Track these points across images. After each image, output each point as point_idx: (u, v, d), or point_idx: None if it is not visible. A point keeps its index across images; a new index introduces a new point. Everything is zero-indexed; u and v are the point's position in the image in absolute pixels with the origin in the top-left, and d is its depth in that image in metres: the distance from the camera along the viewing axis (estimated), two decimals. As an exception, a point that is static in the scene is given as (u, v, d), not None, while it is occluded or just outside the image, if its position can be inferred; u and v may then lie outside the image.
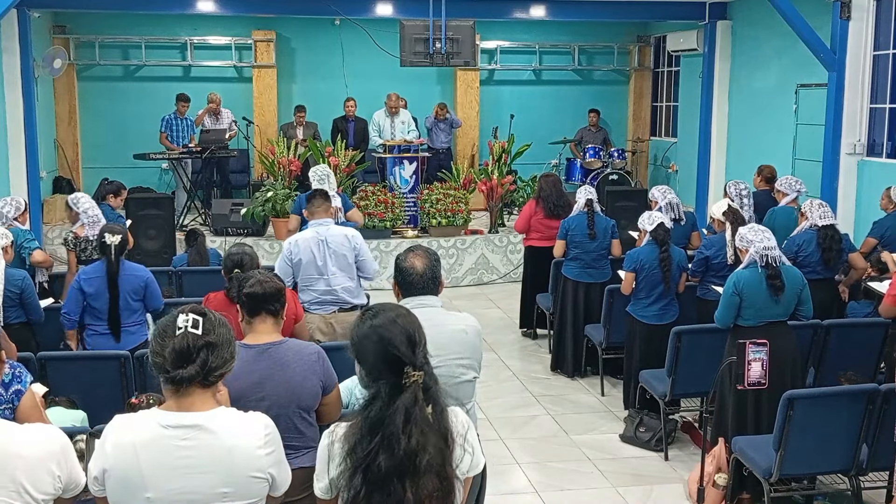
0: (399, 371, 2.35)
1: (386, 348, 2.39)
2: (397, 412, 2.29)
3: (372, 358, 2.42)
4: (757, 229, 5.25)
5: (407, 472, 2.27)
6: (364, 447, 2.29)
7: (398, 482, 2.27)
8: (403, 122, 12.09)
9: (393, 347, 2.39)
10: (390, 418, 2.29)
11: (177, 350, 2.34)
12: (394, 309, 2.54)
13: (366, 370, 2.46)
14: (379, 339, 2.42)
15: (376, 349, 2.41)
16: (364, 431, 2.30)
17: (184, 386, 2.34)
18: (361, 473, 2.28)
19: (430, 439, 2.32)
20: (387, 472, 2.26)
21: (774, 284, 5.09)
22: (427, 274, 3.50)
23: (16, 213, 6.82)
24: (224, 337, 2.40)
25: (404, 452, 2.27)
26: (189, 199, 11.64)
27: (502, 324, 9.11)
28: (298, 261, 5.75)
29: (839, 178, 9.39)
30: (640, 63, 14.94)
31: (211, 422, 2.35)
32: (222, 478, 2.34)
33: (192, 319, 2.36)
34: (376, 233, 10.28)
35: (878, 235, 7.34)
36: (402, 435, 2.27)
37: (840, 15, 9.25)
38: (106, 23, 13.27)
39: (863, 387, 4.75)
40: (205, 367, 2.34)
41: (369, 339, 2.44)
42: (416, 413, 2.31)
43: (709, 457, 5.05)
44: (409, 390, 2.33)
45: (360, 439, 2.30)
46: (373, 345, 2.42)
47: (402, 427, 2.28)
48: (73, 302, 5.60)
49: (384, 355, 2.39)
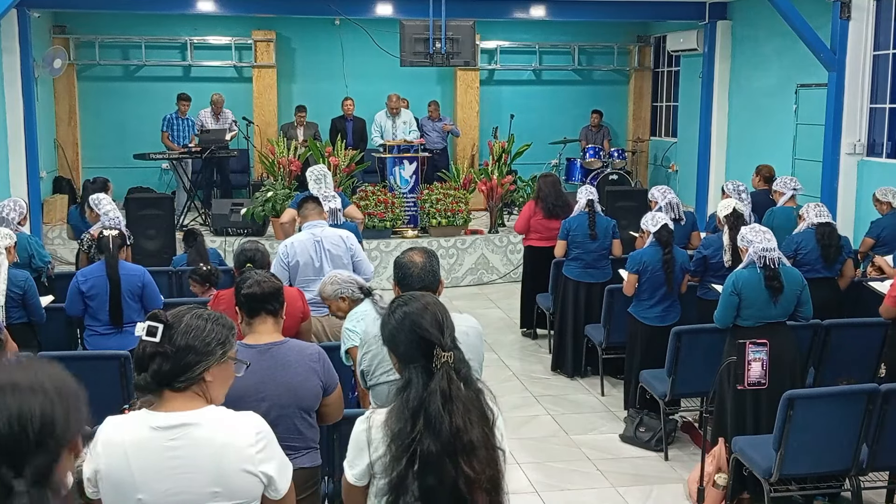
0: (429, 354, 2.43)
1: (417, 332, 2.47)
2: (434, 394, 2.36)
3: (404, 343, 2.49)
4: (758, 230, 5.25)
5: (456, 450, 2.33)
6: (407, 432, 2.33)
7: (449, 461, 2.32)
8: (405, 123, 12.08)
9: (423, 330, 2.46)
10: (429, 400, 2.35)
11: (135, 356, 2.39)
12: (423, 297, 2.63)
13: (398, 356, 2.53)
14: (411, 324, 2.49)
15: (408, 334, 2.48)
16: (406, 416, 2.35)
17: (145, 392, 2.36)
18: (408, 457, 2.32)
19: (472, 416, 2.39)
20: (437, 454, 2.32)
21: (773, 286, 5.09)
22: (427, 268, 3.51)
23: (19, 216, 6.79)
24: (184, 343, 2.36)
25: (449, 432, 2.33)
26: (189, 199, 11.64)
27: (502, 324, 9.11)
28: (295, 263, 5.74)
29: (839, 178, 9.40)
30: (640, 63, 14.95)
31: (198, 421, 2.34)
32: (212, 477, 2.33)
33: (147, 327, 2.35)
34: (376, 233, 10.28)
35: (875, 235, 7.39)
36: (444, 414, 2.34)
37: (840, 15, 9.25)
38: (106, 23, 13.27)
39: (863, 387, 4.75)
40: (157, 375, 2.34)
41: (402, 325, 2.51)
42: (453, 392, 2.38)
43: (709, 457, 5.05)
44: (442, 371, 2.39)
45: (403, 425, 2.35)
46: (405, 330, 2.49)
47: (441, 407, 2.35)
48: (72, 303, 5.67)
49: (415, 339, 2.46)
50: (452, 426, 2.33)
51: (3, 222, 6.52)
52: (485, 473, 2.35)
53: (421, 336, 2.45)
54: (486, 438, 2.39)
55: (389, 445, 2.34)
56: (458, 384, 2.40)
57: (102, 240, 5.72)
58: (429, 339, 2.44)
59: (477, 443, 2.35)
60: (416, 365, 2.42)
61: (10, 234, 5.94)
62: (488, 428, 2.43)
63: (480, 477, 2.34)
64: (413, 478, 2.32)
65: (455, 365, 2.43)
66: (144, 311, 5.84)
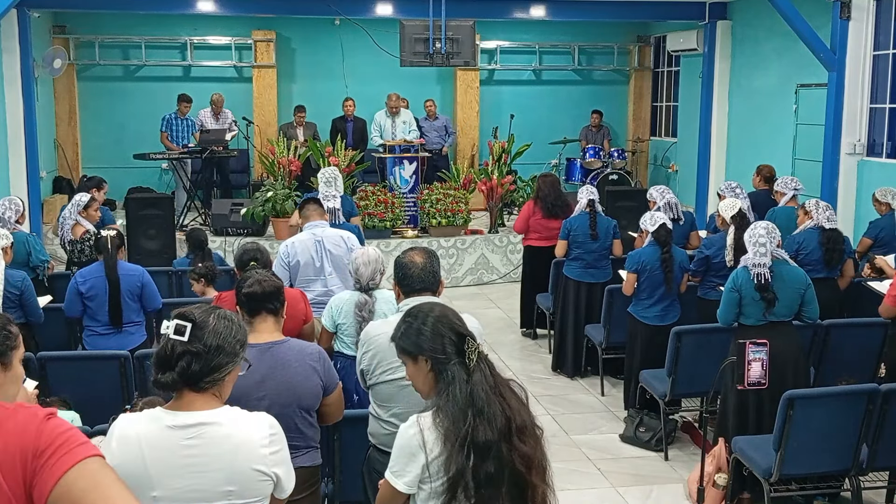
0: (461, 349, 2.53)
1: (447, 327, 2.58)
2: (478, 386, 2.46)
3: (436, 341, 2.57)
4: (755, 241, 5.17)
5: (509, 434, 2.43)
6: (462, 426, 2.40)
7: (505, 444, 2.41)
8: (405, 123, 12.07)
9: (453, 324, 2.59)
10: (475, 394, 2.44)
11: (158, 355, 2.35)
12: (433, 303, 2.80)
13: (433, 358, 2.57)
14: (437, 320, 2.60)
15: (439, 330, 2.58)
16: (456, 412, 2.42)
17: (168, 390, 2.34)
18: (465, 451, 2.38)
19: (513, 401, 2.50)
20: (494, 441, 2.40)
21: (766, 297, 5.08)
22: (427, 268, 3.51)
23: (16, 215, 6.78)
24: (215, 343, 2.36)
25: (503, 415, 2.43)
26: (189, 199, 11.63)
27: (502, 324, 9.10)
28: (296, 263, 5.73)
29: (839, 178, 9.40)
30: (640, 63, 14.95)
31: (214, 421, 2.35)
32: (227, 476, 2.34)
33: (175, 325, 2.34)
34: (376, 233, 10.28)
35: (873, 236, 7.39)
36: (495, 402, 2.44)
37: (840, 15, 9.25)
38: (106, 23, 13.27)
39: (863, 387, 4.75)
40: (185, 374, 2.33)
41: (427, 326, 2.59)
42: (492, 382, 2.49)
43: (709, 457, 5.05)
44: (478, 364, 2.51)
45: (455, 421, 2.41)
46: (433, 329, 2.58)
47: (492, 394, 2.45)
48: (71, 303, 5.67)
49: (447, 334, 2.56)
50: (505, 410, 2.43)
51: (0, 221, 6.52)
52: (537, 450, 2.47)
53: (451, 329, 2.56)
54: (531, 418, 2.51)
55: (445, 443, 2.39)
56: (495, 372, 2.53)
57: (101, 240, 5.71)
58: (462, 333, 2.56)
59: (527, 423, 2.47)
60: (453, 362, 2.51)
61: (7, 234, 5.94)
62: (528, 408, 2.55)
63: (536, 453, 2.46)
64: (471, 470, 2.38)
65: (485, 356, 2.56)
66: (143, 311, 5.85)
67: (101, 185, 8.33)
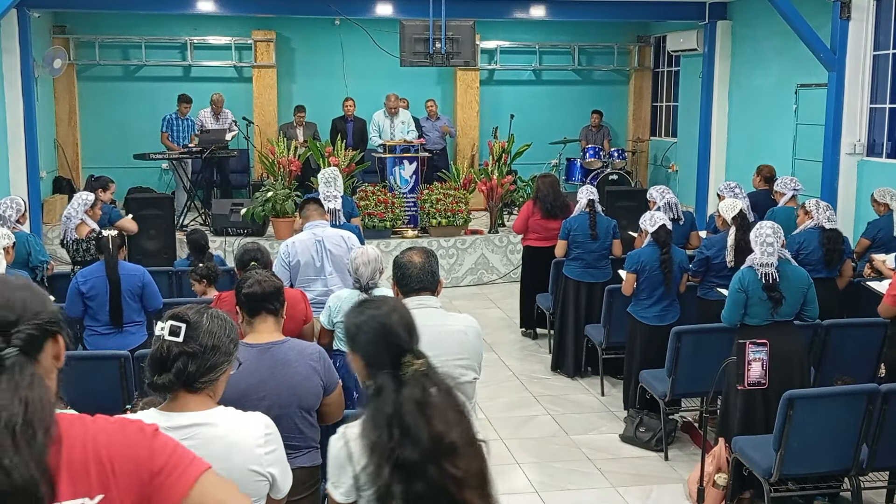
0: (398, 361, 2.32)
1: (388, 337, 2.37)
2: (408, 401, 2.26)
3: (374, 347, 2.39)
4: (762, 241, 5.18)
5: (440, 454, 2.24)
6: (385, 441, 2.24)
7: (434, 466, 2.23)
8: (403, 123, 12.07)
9: (394, 336, 2.37)
10: (404, 409, 2.25)
11: (153, 357, 2.33)
12: (391, 301, 2.55)
13: (365, 360, 2.42)
14: (380, 328, 2.39)
15: (378, 338, 2.38)
16: (381, 425, 2.25)
17: (164, 392, 2.33)
18: (389, 467, 2.23)
19: (450, 417, 2.29)
20: (420, 461, 2.23)
21: (773, 297, 5.09)
22: (426, 268, 3.51)
23: (17, 214, 6.78)
24: (210, 343, 2.36)
25: (430, 438, 2.23)
26: (189, 199, 11.63)
27: (502, 324, 9.10)
28: (296, 262, 5.74)
29: (839, 178, 9.39)
30: (640, 63, 14.95)
31: (209, 421, 2.35)
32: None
33: (170, 327, 2.32)
34: (376, 233, 10.28)
35: (871, 236, 7.40)
36: (422, 421, 2.24)
37: (840, 15, 9.25)
38: (106, 23, 13.27)
39: (863, 387, 4.75)
40: (181, 375, 2.32)
41: (370, 328, 2.41)
42: (427, 399, 2.28)
43: (709, 457, 5.05)
44: (414, 379, 2.29)
45: (379, 435, 2.25)
46: (374, 333, 2.40)
47: (418, 415, 2.25)
48: (72, 303, 5.67)
49: (386, 344, 2.36)
50: (432, 433, 2.23)
51: (1, 221, 6.52)
52: (471, 471, 2.28)
53: (390, 341, 2.35)
54: (468, 435, 2.31)
55: (370, 456, 2.25)
56: (431, 390, 2.30)
57: (102, 240, 5.72)
58: (399, 345, 2.34)
59: (459, 442, 2.27)
60: (385, 372, 2.31)
61: (8, 234, 5.94)
62: (468, 423, 2.34)
63: (468, 475, 2.27)
64: (398, 486, 2.24)
65: (427, 371, 2.32)
66: (144, 311, 5.85)
67: (107, 185, 8.38)
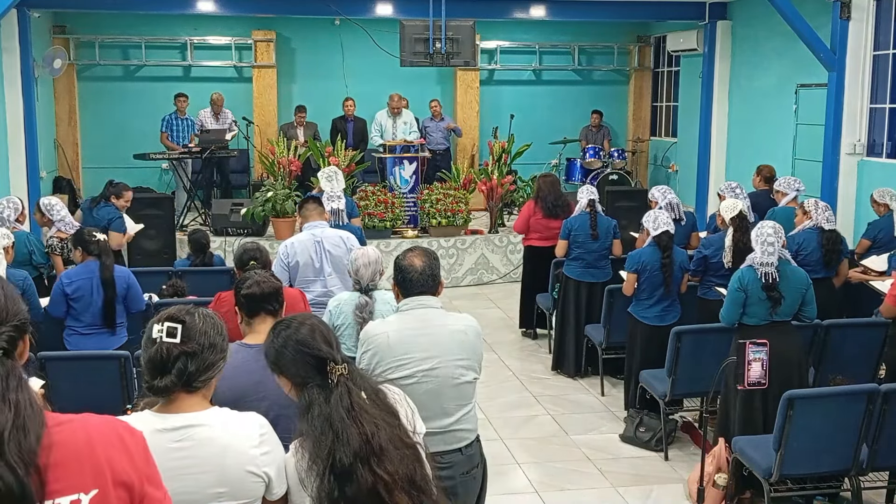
0: (324, 370, 2.45)
1: (307, 352, 2.49)
2: (337, 407, 2.37)
3: (296, 366, 2.51)
4: (763, 240, 5.18)
5: (369, 455, 2.33)
6: (322, 448, 2.33)
7: (363, 467, 2.32)
8: (406, 123, 12.06)
9: (312, 349, 2.49)
10: (334, 414, 2.36)
11: (153, 360, 2.33)
12: (304, 317, 2.66)
13: (293, 379, 2.53)
14: (297, 344, 2.52)
15: (298, 356, 2.51)
16: (317, 434, 2.35)
17: (164, 395, 2.34)
18: (329, 471, 2.32)
19: (379, 418, 2.40)
20: (351, 464, 2.32)
21: (773, 297, 5.09)
22: (426, 272, 3.50)
23: (15, 214, 6.77)
24: (207, 342, 2.36)
25: (360, 439, 2.33)
26: (189, 199, 11.64)
27: (502, 324, 9.11)
28: (295, 263, 5.73)
29: (839, 178, 9.40)
30: (640, 63, 14.95)
31: (203, 422, 2.34)
32: (216, 477, 2.33)
33: (167, 328, 2.32)
34: (376, 233, 10.28)
35: (871, 237, 7.39)
36: (351, 423, 2.35)
37: (840, 15, 9.25)
38: (106, 23, 13.27)
39: (863, 387, 4.75)
40: (182, 375, 2.32)
41: (288, 349, 2.53)
42: (354, 401, 2.39)
43: (709, 457, 5.05)
44: (340, 384, 2.41)
45: (315, 443, 2.34)
46: (293, 352, 2.52)
47: (347, 418, 2.36)
48: (56, 304, 5.68)
49: (306, 359, 2.49)
50: (362, 434, 2.33)
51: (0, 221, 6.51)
52: (398, 473, 2.34)
53: (311, 355, 2.48)
54: (396, 438, 2.40)
55: (312, 467, 2.33)
56: (358, 392, 2.42)
57: (100, 243, 5.70)
58: (320, 356, 2.47)
59: (386, 445, 2.35)
60: (312, 384, 2.44)
61: (8, 233, 5.94)
62: (397, 426, 2.43)
63: (396, 478, 2.34)
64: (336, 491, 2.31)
65: (351, 375, 2.45)
66: (127, 311, 5.86)
67: (121, 193, 7.89)
